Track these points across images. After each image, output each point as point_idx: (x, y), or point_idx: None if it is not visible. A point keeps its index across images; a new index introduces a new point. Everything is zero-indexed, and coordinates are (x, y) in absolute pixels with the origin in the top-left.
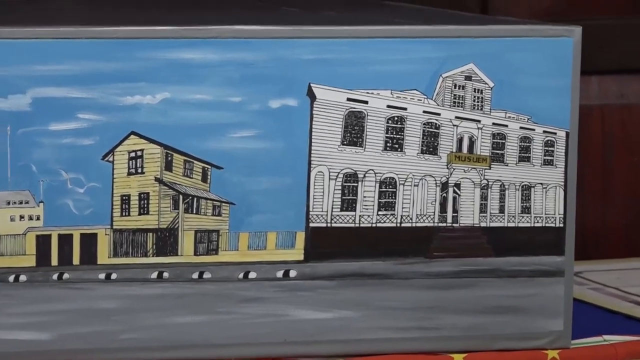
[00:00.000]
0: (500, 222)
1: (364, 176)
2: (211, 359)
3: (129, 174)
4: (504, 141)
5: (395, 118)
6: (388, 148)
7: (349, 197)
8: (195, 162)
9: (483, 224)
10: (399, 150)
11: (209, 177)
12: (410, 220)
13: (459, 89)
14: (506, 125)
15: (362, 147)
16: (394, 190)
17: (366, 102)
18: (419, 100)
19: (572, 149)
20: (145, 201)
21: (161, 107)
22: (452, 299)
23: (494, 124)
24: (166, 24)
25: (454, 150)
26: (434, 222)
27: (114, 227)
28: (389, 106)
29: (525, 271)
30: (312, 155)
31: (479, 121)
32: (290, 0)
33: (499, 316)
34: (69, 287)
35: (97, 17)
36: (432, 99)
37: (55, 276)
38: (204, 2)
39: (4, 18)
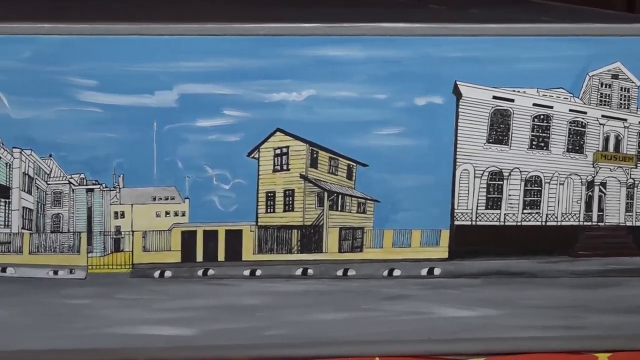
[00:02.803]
0: None
1: (509, 174)
2: (354, 356)
3: (274, 170)
4: None
5: (541, 116)
6: (534, 146)
7: (494, 196)
8: (340, 159)
9: (629, 223)
10: (544, 148)
11: (354, 174)
12: (556, 219)
13: (605, 87)
14: None
15: (508, 145)
16: (539, 188)
17: (512, 100)
18: (565, 98)
19: None
20: (290, 198)
21: (306, 104)
22: (597, 298)
23: None
24: (311, 21)
25: (600, 149)
26: (579, 221)
27: (259, 223)
28: (535, 104)
29: None
30: (457, 153)
31: (625, 120)
32: None
33: None
34: (213, 283)
35: (241, 13)
36: (578, 98)
37: (200, 272)
38: None
39: (150, 16)
